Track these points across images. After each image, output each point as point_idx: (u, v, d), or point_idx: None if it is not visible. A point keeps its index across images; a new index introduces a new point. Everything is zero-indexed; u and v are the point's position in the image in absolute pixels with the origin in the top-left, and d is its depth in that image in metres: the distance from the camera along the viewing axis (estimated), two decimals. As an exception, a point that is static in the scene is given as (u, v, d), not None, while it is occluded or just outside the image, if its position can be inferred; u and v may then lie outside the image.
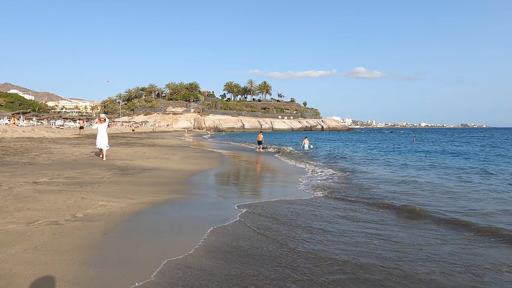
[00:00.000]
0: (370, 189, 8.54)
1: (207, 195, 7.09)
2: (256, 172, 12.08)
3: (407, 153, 22.87)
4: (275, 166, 13.95)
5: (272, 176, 11.29)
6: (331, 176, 11.07)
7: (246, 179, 10.40)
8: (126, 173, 9.13)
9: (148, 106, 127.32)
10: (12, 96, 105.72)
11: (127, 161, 11.95)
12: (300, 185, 8.91)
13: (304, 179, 10.11)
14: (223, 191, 7.69)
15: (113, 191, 6.65)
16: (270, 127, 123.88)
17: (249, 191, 8.08)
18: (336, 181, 9.85)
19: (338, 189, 8.43)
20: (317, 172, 11.92)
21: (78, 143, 20.76)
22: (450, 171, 12.64)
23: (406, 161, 16.93)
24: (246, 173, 11.67)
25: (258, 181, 9.79)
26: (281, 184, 9.61)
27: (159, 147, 22.18)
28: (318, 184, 9.20)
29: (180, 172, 10.06)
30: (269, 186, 9.27)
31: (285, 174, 11.61)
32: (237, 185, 9.10)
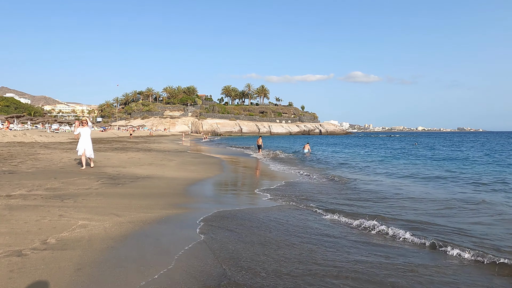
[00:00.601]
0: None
1: (208, 209, 6.17)
2: (260, 180, 11.17)
3: (414, 159, 21.58)
4: (279, 173, 13.06)
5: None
6: (334, 185, 10.20)
7: (251, 188, 9.46)
8: (117, 182, 8.18)
9: (145, 110, 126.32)
10: (8, 99, 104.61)
11: (120, 168, 11.00)
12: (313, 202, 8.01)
13: (313, 190, 9.22)
14: (228, 205, 6.76)
15: (99, 206, 5.71)
16: (268, 131, 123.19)
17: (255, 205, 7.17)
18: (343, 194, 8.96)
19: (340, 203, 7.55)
20: (324, 183, 11.03)
21: (71, 148, 19.77)
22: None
23: (416, 169, 15.87)
24: (251, 182, 10.77)
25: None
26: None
27: (156, 152, 21.23)
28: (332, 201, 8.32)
29: (176, 181, 9.13)
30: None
31: (287, 181, 10.73)
32: (240, 196, 8.16)
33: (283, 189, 8.95)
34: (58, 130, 53.01)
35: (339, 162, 18.74)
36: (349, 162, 18.83)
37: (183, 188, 8.14)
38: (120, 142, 33.62)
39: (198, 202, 6.76)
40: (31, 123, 59.52)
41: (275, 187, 9.15)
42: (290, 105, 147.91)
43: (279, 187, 9.18)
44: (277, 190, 8.63)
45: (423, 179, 11.70)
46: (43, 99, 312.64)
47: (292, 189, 8.89)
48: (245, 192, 8.60)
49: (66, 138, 36.85)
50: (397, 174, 13.01)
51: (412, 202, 7.46)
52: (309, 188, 9.32)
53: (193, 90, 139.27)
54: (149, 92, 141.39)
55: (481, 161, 19.14)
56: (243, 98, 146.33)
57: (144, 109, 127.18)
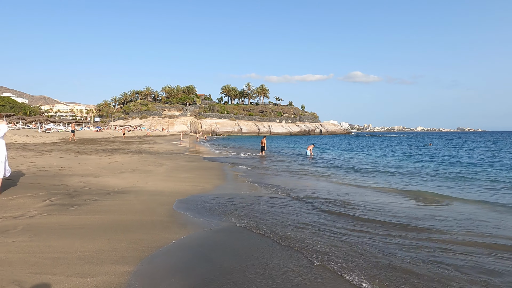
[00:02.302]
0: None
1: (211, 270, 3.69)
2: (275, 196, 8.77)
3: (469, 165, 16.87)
4: (291, 184, 10.68)
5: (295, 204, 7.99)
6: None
7: (267, 208, 6.87)
8: (73, 203, 5.77)
9: (143, 110, 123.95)
10: (4, 99, 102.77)
11: (90, 177, 8.60)
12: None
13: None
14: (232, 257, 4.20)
15: (12, 257, 3.35)
16: (268, 131, 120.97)
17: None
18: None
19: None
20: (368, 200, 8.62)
21: (50, 150, 17.40)
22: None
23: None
24: (264, 197, 8.32)
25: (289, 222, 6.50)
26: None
27: (147, 154, 18.86)
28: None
29: (160, 198, 6.73)
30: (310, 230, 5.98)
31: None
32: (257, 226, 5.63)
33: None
34: (50, 130, 50.71)
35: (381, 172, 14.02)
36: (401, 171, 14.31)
37: (167, 210, 5.71)
38: (112, 142, 31.22)
39: (190, 242, 4.31)
40: (22, 122, 57.29)
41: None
42: (290, 105, 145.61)
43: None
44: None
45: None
46: (42, 99, 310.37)
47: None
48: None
49: (57, 138, 34.51)
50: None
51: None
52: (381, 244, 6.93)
53: (192, 89, 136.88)
54: (147, 91, 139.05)
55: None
56: (242, 97, 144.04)
57: (143, 109, 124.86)
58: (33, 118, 52.32)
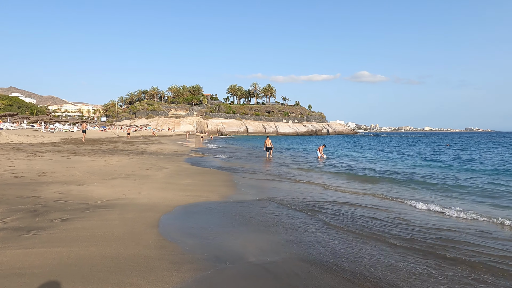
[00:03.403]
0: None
1: None
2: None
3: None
4: (310, 192, 9.16)
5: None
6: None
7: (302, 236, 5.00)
8: (33, 225, 4.32)
9: (150, 110, 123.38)
10: (11, 99, 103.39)
11: (72, 185, 7.19)
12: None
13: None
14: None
15: None
16: (275, 131, 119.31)
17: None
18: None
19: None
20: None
21: (45, 151, 16.17)
22: None
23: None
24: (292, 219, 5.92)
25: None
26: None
27: (148, 155, 17.51)
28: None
29: (152, 214, 5.26)
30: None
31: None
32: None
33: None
34: (54, 129, 49.98)
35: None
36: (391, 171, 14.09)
37: (158, 237, 4.26)
38: (114, 143, 30.03)
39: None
40: (27, 122, 56.77)
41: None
42: (297, 105, 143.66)
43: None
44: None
45: None
46: (50, 99, 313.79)
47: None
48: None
49: (58, 138, 33.55)
50: None
51: None
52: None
53: (198, 89, 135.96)
54: (154, 91, 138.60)
55: None
56: (249, 97, 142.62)
57: (149, 109, 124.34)
58: (36, 117, 51.65)
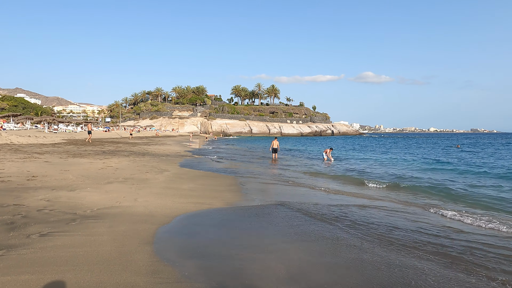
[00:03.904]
0: None
1: None
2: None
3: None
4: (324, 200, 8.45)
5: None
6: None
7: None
8: (3, 244, 3.64)
9: (154, 110, 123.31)
10: (16, 99, 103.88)
11: (63, 191, 6.59)
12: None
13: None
14: None
15: None
16: (279, 131, 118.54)
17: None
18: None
19: None
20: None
21: (43, 152, 15.70)
22: None
23: None
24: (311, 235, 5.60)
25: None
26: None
27: (150, 156, 16.94)
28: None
29: (147, 226, 4.63)
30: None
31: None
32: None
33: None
34: (58, 130, 49.79)
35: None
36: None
37: (152, 257, 3.58)
38: (117, 143, 29.55)
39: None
40: (31, 122, 56.72)
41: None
42: (301, 105, 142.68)
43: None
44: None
45: None
46: (56, 100, 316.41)
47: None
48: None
49: (60, 138, 33.18)
50: None
51: None
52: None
53: (202, 90, 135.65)
54: (158, 92, 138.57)
55: None
56: (253, 98, 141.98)
57: (153, 109, 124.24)
58: (40, 118, 51.48)
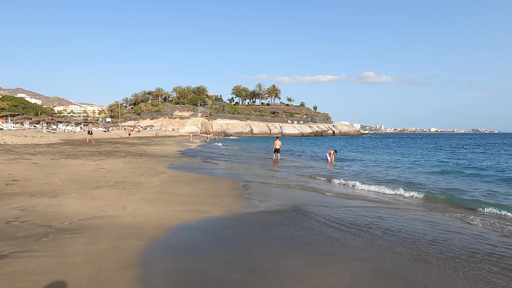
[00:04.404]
0: None
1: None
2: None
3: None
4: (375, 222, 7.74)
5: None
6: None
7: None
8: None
9: (154, 110, 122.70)
10: (16, 99, 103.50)
11: (43, 198, 5.91)
12: None
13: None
14: None
15: None
16: (280, 131, 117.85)
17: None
18: None
19: None
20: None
21: (35, 153, 15.05)
22: None
23: None
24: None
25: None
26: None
27: (147, 157, 16.27)
28: None
29: (134, 243, 3.92)
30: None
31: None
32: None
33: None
34: (56, 130, 49.21)
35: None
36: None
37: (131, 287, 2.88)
38: (115, 144, 28.88)
39: None
40: (29, 122, 56.17)
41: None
42: (302, 106, 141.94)
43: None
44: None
45: None
46: (56, 100, 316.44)
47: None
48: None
49: (58, 138, 32.53)
50: None
51: None
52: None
53: (203, 90, 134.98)
54: (158, 92, 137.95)
55: None
56: (253, 98, 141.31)
57: (154, 109, 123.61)
58: (38, 118, 50.87)
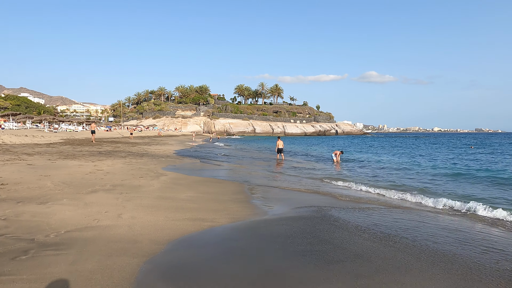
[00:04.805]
0: None
1: None
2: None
3: None
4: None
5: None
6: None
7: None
8: None
9: (157, 110, 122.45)
10: (19, 99, 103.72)
11: (31, 204, 5.39)
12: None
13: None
14: None
15: None
16: (282, 131, 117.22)
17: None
18: None
19: None
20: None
21: (33, 153, 14.60)
22: None
23: None
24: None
25: None
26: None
27: (148, 158, 15.77)
28: None
29: (126, 261, 3.34)
30: None
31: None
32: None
33: None
34: (58, 129, 48.91)
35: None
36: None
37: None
38: (116, 143, 28.44)
39: None
40: (31, 122, 55.96)
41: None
42: (305, 105, 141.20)
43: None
44: None
45: None
46: (59, 99, 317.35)
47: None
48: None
49: (59, 138, 32.15)
50: None
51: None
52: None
53: (205, 89, 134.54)
54: (161, 91, 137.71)
55: None
56: (256, 97, 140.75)
57: (156, 109, 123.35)
58: (40, 117, 50.62)
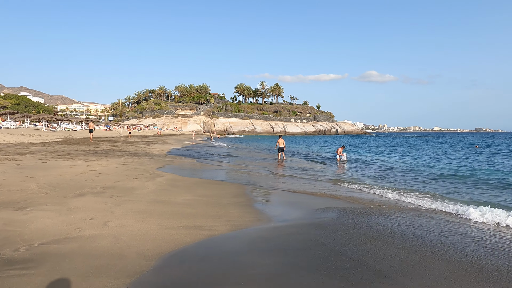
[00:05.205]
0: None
1: None
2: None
3: None
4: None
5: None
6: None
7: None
8: None
9: (157, 109, 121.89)
10: (19, 98, 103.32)
11: (7, 210, 4.81)
12: None
13: None
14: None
15: None
16: (282, 130, 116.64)
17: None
18: None
19: None
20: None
21: (25, 152, 14.04)
22: None
23: None
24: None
25: None
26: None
27: (145, 157, 15.20)
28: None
29: (105, 284, 2.84)
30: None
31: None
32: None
33: None
34: (56, 128, 48.39)
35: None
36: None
37: None
38: (114, 142, 27.86)
39: None
40: (29, 120, 55.46)
41: None
42: (305, 104, 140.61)
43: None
44: None
45: None
46: (60, 98, 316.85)
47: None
48: None
49: (56, 137, 31.57)
50: None
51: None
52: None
53: (205, 88, 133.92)
54: (161, 90, 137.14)
55: None
56: (256, 96, 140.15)
57: (156, 108, 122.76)
58: (38, 116, 50.05)
